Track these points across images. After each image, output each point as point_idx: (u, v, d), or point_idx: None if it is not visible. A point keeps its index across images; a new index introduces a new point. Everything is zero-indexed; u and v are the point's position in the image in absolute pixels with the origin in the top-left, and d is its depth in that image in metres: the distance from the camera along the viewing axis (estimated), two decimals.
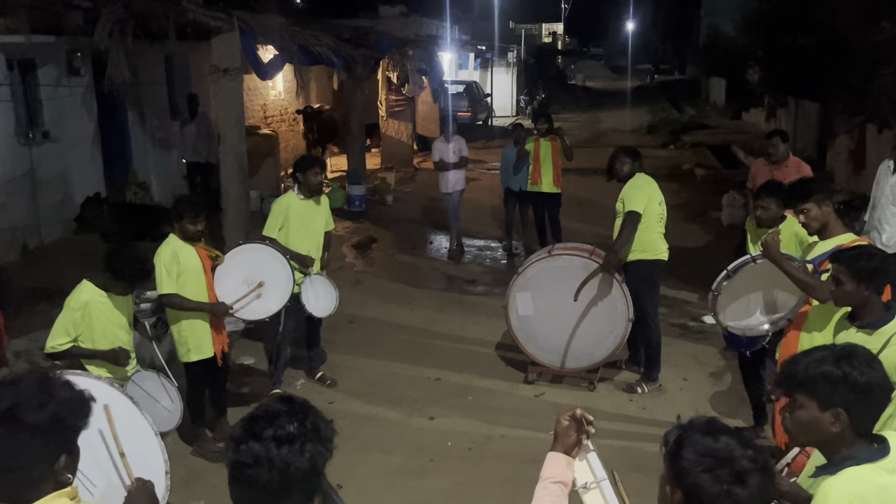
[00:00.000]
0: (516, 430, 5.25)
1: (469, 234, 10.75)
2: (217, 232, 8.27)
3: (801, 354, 2.18)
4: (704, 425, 1.65)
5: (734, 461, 1.57)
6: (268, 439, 1.61)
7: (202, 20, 7.36)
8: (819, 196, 3.89)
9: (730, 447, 1.59)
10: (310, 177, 5.60)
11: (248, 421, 1.66)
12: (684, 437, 1.64)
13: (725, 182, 13.36)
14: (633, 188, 5.59)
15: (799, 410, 2.08)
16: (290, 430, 1.62)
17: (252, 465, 1.60)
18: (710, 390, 5.87)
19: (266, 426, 1.63)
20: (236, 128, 7.75)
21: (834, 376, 2.02)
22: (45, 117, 8.80)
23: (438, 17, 24.53)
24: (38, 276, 7.63)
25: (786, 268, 3.88)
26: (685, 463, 1.60)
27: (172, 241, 4.64)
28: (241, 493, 1.64)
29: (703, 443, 1.60)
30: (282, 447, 1.60)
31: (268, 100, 14.76)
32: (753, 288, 4.33)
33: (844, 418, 2.02)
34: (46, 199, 8.82)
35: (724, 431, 1.63)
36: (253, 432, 1.63)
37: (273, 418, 1.64)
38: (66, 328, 3.98)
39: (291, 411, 1.67)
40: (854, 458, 2.02)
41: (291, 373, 6.13)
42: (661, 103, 32.38)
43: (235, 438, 1.65)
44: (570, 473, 1.96)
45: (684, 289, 7.84)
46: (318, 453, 1.65)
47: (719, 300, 4.34)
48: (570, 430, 1.98)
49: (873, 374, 2.03)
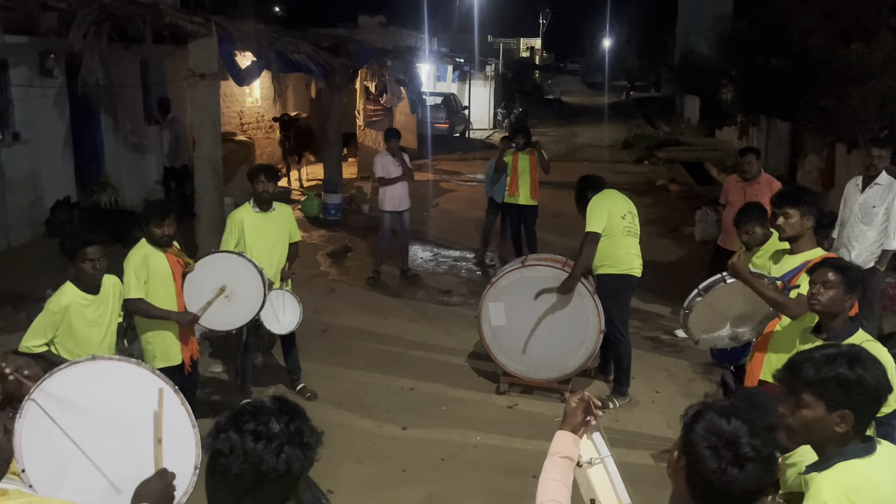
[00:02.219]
0: (489, 440, 5.24)
1: (444, 245, 10.77)
2: (190, 238, 8.19)
3: (805, 353, 2.19)
4: (724, 407, 1.74)
5: (739, 446, 1.66)
6: (247, 432, 1.63)
7: (180, 24, 7.31)
8: (806, 208, 3.94)
9: (738, 432, 1.67)
10: (255, 186, 5.44)
11: (236, 412, 1.69)
12: (702, 413, 1.75)
13: (699, 198, 13.55)
14: (591, 208, 5.59)
15: (804, 410, 2.11)
16: (271, 429, 1.64)
17: (227, 454, 1.62)
18: (683, 403, 5.88)
19: (249, 419, 1.65)
20: (212, 133, 7.69)
21: (848, 379, 2.05)
22: (16, 118, 8.68)
23: (417, 29, 24.68)
24: (4, 280, 7.49)
25: (756, 286, 3.92)
26: (694, 436, 1.71)
27: (143, 247, 4.55)
28: (214, 482, 1.66)
29: (716, 422, 1.70)
30: (258, 442, 1.62)
31: (244, 106, 14.69)
32: (726, 305, 4.37)
33: (851, 419, 2.06)
34: (15, 201, 8.67)
35: (739, 416, 1.71)
36: (236, 423, 1.65)
37: (258, 414, 1.67)
38: (43, 329, 3.88)
39: (280, 411, 1.69)
40: (845, 454, 2.06)
41: (267, 380, 6.07)
42: (637, 119, 32.77)
43: (218, 426, 1.67)
44: (577, 450, 2.11)
45: (657, 302, 7.91)
46: (296, 457, 1.65)
47: (691, 317, 4.38)
48: (577, 410, 2.15)
49: (880, 374, 2.09)
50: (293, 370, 5.95)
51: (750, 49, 14.39)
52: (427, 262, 10.07)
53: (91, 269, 3.89)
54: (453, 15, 36.97)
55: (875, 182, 5.83)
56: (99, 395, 2.29)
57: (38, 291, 4.11)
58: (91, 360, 2.36)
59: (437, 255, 10.34)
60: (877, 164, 5.81)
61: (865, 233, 5.85)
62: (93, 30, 6.70)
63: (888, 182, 5.80)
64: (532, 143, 9.15)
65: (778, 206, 4.04)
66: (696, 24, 25.19)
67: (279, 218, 5.63)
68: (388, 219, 8.79)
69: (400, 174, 8.58)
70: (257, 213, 5.53)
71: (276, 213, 5.62)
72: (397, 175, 8.58)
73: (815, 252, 3.96)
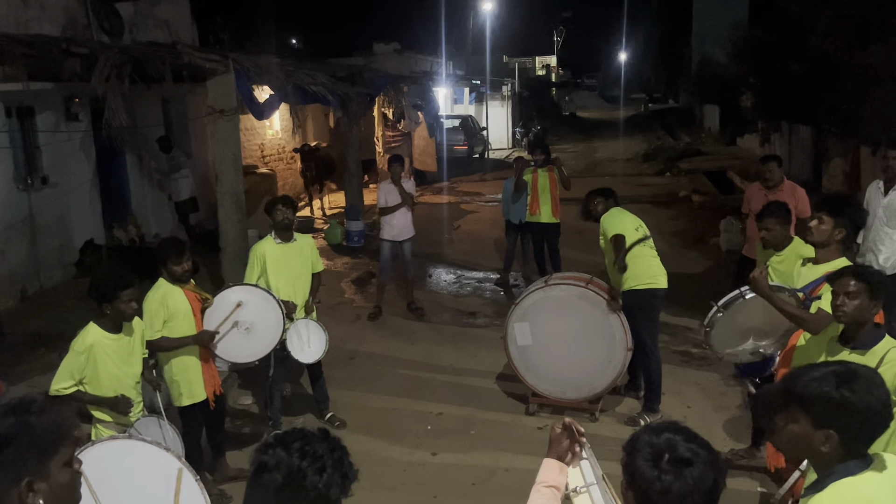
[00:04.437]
0: (520, 463, 5.19)
1: (468, 267, 10.76)
2: (216, 271, 8.29)
3: (805, 368, 2.15)
4: (654, 427, 1.78)
5: (676, 450, 1.68)
6: (294, 450, 1.74)
7: (197, 63, 7.46)
8: (843, 220, 3.88)
9: (672, 440, 1.71)
10: (275, 216, 5.52)
11: (282, 433, 1.81)
12: (634, 440, 1.77)
13: (722, 208, 13.39)
14: (605, 221, 5.79)
15: (792, 424, 2.07)
16: (317, 450, 1.75)
17: (273, 468, 1.71)
18: (715, 417, 5.82)
19: (296, 440, 1.76)
20: (233, 168, 7.80)
21: (832, 399, 1.99)
22: (44, 163, 8.88)
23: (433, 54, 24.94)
24: (37, 322, 7.63)
25: (776, 302, 3.86)
26: (635, 460, 1.72)
27: (162, 286, 4.61)
28: (255, 493, 1.74)
29: (650, 439, 1.73)
30: (304, 459, 1.72)
31: (265, 139, 14.89)
32: (747, 320, 4.31)
33: (835, 440, 2.00)
34: (45, 244, 8.85)
35: (669, 430, 1.74)
36: (283, 442, 1.76)
37: (305, 436, 1.78)
38: (70, 371, 3.92)
39: (324, 438, 1.80)
40: (838, 473, 2.00)
41: (296, 410, 6.09)
42: (656, 131, 32.65)
43: (266, 443, 1.78)
44: (563, 479, 2.10)
45: (685, 315, 7.81)
46: (335, 482, 1.74)
47: (712, 334, 4.32)
48: (561, 437, 2.14)
49: (872, 399, 1.98)
50: (321, 399, 5.96)
51: (767, 55, 14.31)
52: (451, 284, 10.07)
53: (130, 311, 3.96)
54: (467, 37, 37.27)
55: None
56: (122, 474, 2.40)
57: (70, 332, 4.15)
58: (126, 437, 2.48)
59: (460, 278, 10.33)
60: (893, 165, 5.71)
61: (891, 236, 5.73)
62: (115, 73, 6.86)
63: None
64: (552, 160, 9.15)
65: (817, 209, 4.00)
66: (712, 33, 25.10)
67: (301, 249, 5.68)
68: (387, 248, 8.34)
69: (399, 202, 8.19)
70: (279, 244, 5.58)
71: (298, 243, 5.67)
72: (396, 203, 8.18)
73: (839, 262, 3.89)
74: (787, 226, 4.66)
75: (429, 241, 12.39)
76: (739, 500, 4.58)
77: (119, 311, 3.94)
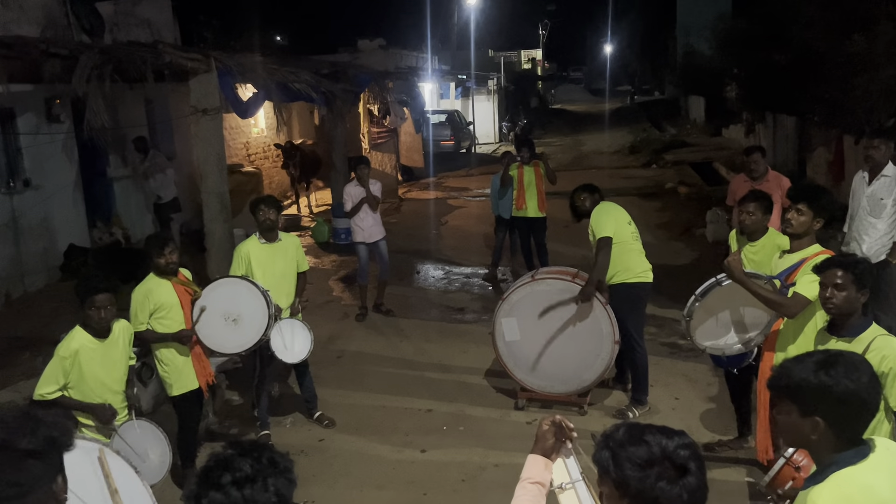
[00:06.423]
0: (510, 458, 5.19)
1: (456, 262, 10.76)
2: (202, 271, 8.24)
3: (794, 358, 2.17)
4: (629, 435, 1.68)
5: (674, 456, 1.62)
6: (227, 485, 1.61)
7: (179, 62, 7.41)
8: (821, 209, 3.91)
9: (662, 445, 1.64)
10: (258, 216, 5.51)
11: (203, 473, 1.66)
12: (615, 453, 1.66)
13: (709, 199, 13.45)
14: (598, 215, 5.66)
15: (785, 415, 2.10)
16: (247, 471, 1.63)
17: None
18: (703, 408, 5.85)
19: (222, 473, 1.62)
20: (217, 167, 7.76)
21: (811, 385, 2.02)
22: (26, 165, 8.80)
23: (417, 49, 24.88)
24: (21, 326, 7.56)
25: (751, 287, 3.89)
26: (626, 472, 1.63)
27: (148, 281, 4.68)
28: None
29: (636, 451, 1.64)
30: (244, 488, 1.61)
31: (250, 137, 14.82)
32: (726, 307, 4.33)
33: (822, 427, 2.02)
34: (29, 247, 8.77)
35: (648, 432, 1.67)
36: (210, 482, 1.62)
37: (227, 464, 1.64)
38: (55, 376, 3.89)
39: (243, 453, 1.67)
40: (837, 463, 2.01)
41: (283, 410, 6.07)
42: (642, 123, 32.73)
43: (193, 495, 1.63)
44: (548, 475, 2.08)
45: (673, 307, 7.81)
46: (282, 485, 1.66)
47: (692, 324, 4.34)
48: (548, 434, 2.11)
49: (851, 384, 1.99)
50: (309, 398, 5.94)
51: (751, 46, 14.35)
52: (439, 280, 10.07)
53: (97, 317, 3.92)
54: (452, 32, 37.20)
55: (882, 174, 5.76)
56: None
57: (55, 336, 4.13)
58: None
59: (448, 273, 10.33)
60: (873, 154, 5.74)
61: (875, 225, 5.77)
62: (95, 73, 6.80)
63: (895, 173, 5.73)
64: (537, 156, 9.16)
65: (794, 200, 4.00)
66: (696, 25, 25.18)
67: (286, 248, 5.65)
68: (362, 251, 8.25)
69: (369, 200, 8.06)
70: (263, 244, 5.55)
71: (283, 243, 5.64)
72: (357, 204, 8.05)
73: (812, 249, 3.93)
74: (767, 216, 4.69)
75: (416, 238, 12.38)
76: (727, 490, 4.61)
77: (88, 316, 3.93)
